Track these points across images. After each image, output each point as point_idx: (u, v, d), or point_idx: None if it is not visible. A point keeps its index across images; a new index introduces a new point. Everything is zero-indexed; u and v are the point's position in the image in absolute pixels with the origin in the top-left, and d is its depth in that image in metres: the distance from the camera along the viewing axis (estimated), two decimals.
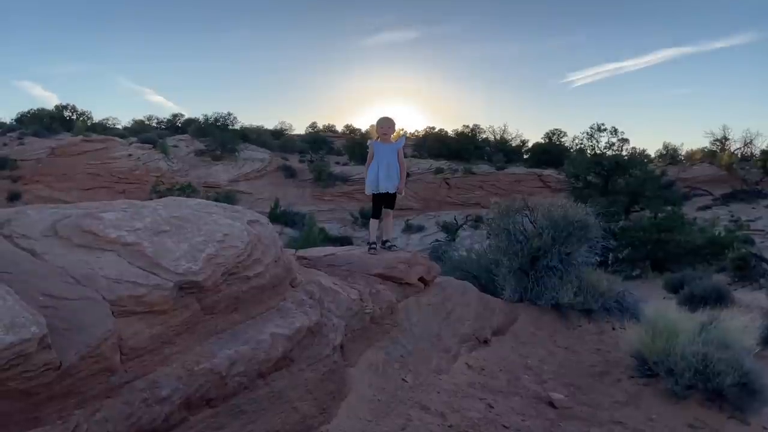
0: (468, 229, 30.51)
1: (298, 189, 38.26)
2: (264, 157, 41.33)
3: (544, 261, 5.88)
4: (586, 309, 5.91)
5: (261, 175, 38.81)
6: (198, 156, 39.04)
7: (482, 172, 40.20)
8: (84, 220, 2.95)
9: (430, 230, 31.79)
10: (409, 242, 29.54)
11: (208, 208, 3.52)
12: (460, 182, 39.17)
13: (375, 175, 5.02)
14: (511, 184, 38.98)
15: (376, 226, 5.14)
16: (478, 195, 38.07)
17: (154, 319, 2.57)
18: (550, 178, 39.67)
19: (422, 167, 41.51)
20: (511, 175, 39.99)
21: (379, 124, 5.11)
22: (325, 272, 4.29)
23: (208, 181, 35.52)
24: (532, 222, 6.18)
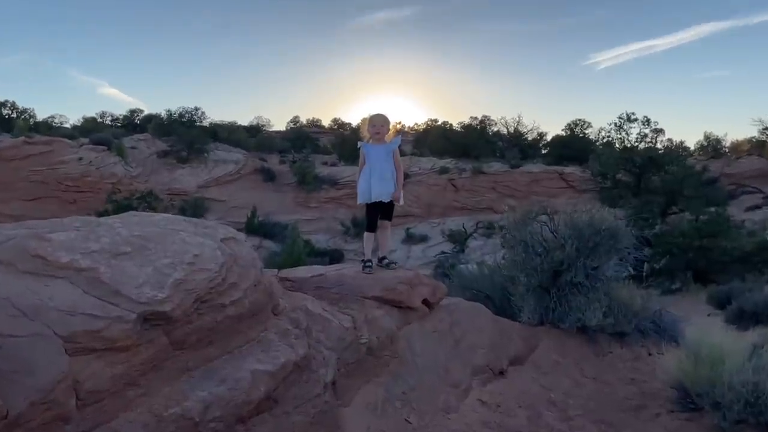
0: (479, 238, 30.63)
1: (278, 195, 38.32)
2: (238, 158, 41.41)
3: (568, 276, 5.91)
4: (617, 332, 5.94)
5: (235, 179, 38.87)
6: (160, 158, 39.08)
7: (494, 172, 40.37)
8: (30, 241, 2.96)
9: (434, 240, 31.87)
10: (409, 255, 29.60)
11: (176, 225, 3.54)
12: (468, 183, 39.32)
13: (367, 182, 5.06)
14: (528, 184, 39.15)
15: (372, 240, 5.17)
16: (490, 198, 38.20)
17: (115, 357, 2.58)
18: (573, 177, 39.87)
19: (424, 167, 41.67)
20: (528, 174, 40.16)
21: (370, 123, 5.15)
22: (313, 296, 4.32)
23: (173, 188, 35.53)
24: (553, 231, 6.22)
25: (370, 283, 4.66)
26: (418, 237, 32.27)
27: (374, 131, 5.13)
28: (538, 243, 6.12)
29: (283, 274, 4.89)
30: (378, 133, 5.12)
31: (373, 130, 5.14)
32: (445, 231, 32.16)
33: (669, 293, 18.25)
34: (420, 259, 28.79)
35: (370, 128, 5.16)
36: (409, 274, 4.98)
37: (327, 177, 39.75)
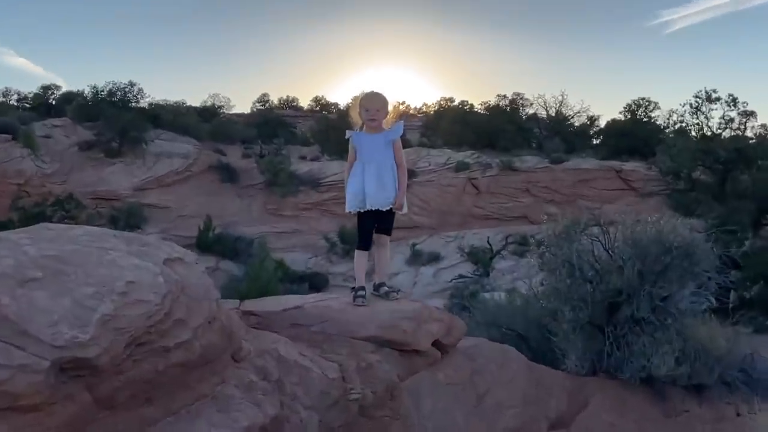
0: (508, 257, 30.64)
1: (241, 199, 38.35)
2: (188, 151, 41.48)
3: (628, 310, 5.91)
4: (694, 384, 5.93)
5: (183, 178, 38.90)
6: (83, 151, 39.08)
7: (529, 168, 40.47)
8: None
9: (449, 260, 31.88)
10: (416, 280, 29.61)
11: (103, 241, 3.54)
12: (494, 184, 39.39)
13: (359, 183, 5.08)
14: (575, 185, 39.25)
15: (366, 260, 5.18)
16: (524, 204, 38.28)
17: (21, 418, 2.57)
18: (635, 175, 39.97)
19: (435, 162, 41.77)
20: (574, 172, 40.24)
21: (362, 105, 5.17)
22: (288, 337, 4.31)
23: (100, 190, 35.53)
24: (608, 249, 6.23)
25: (364, 318, 4.66)
26: (428, 256, 32.24)
27: (368, 116, 5.14)
28: (587, 265, 6.13)
29: (248, 306, 4.89)
30: (373, 119, 5.14)
31: (367, 114, 5.15)
32: (464, 248, 32.17)
33: (763, 332, 18.23)
34: (430, 285, 28.77)
35: (362, 112, 5.18)
36: (415, 306, 4.98)
37: (306, 176, 39.80)
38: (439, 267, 31.18)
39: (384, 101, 5.21)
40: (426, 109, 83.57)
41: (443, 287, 27.57)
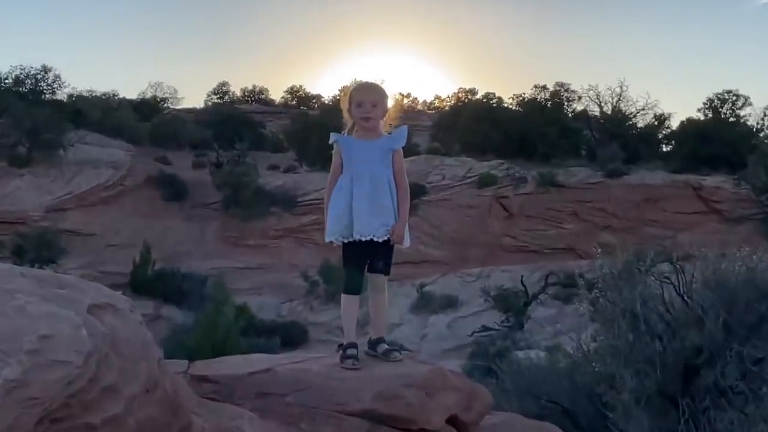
0: (549, 304, 30.59)
1: (191, 223, 38.36)
2: (119, 159, 41.56)
3: (710, 376, 5.90)
4: None
5: (114, 195, 38.93)
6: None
7: (577, 183, 40.54)
8: None
9: (469, 306, 31.83)
10: (425, 333, 29.55)
11: (6, 281, 3.55)
12: (530, 205, 39.43)
13: (346, 204, 5.09)
14: (638, 206, 39.29)
15: (356, 307, 5.17)
16: (570, 231, 38.28)
17: None
18: (719, 194, 40.03)
19: (452, 174, 41.87)
20: (638, 189, 40.31)
21: (353, 99, 5.19)
22: (254, 410, 4.31)
23: (2, 211, 35.50)
24: (683, 293, 6.24)
25: (355, 386, 4.65)
26: (441, 301, 32.20)
27: (361, 113, 5.15)
28: (655, 315, 6.13)
29: (200, 369, 4.88)
30: (368, 117, 5.15)
31: (359, 111, 5.16)
32: (489, 290, 32.06)
33: None
34: (444, 340, 28.70)
35: (353, 108, 5.19)
36: (423, 369, 4.97)
37: (279, 192, 39.89)
38: (456, 315, 31.14)
39: (382, 94, 5.22)
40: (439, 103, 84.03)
41: (461, 343, 27.50)
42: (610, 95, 57.94)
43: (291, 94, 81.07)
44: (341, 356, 5.00)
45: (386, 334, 5.31)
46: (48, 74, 50.86)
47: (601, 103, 58.11)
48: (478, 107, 60.47)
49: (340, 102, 5.43)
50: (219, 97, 76.03)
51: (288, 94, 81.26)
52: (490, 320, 29.17)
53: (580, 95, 59.63)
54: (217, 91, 77.26)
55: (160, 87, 72.10)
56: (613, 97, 57.79)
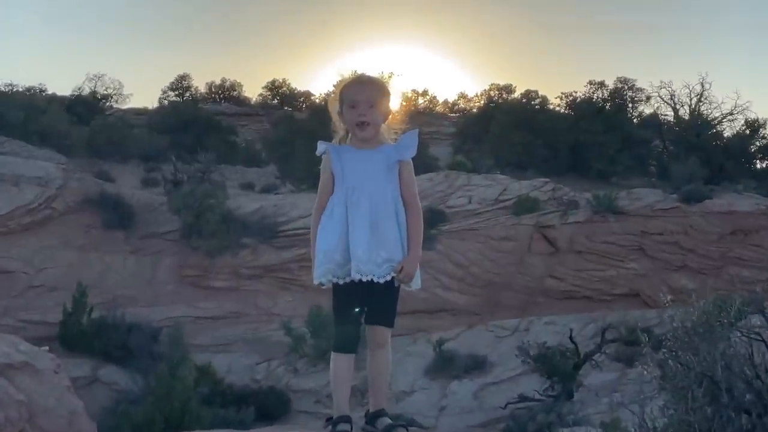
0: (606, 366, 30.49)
1: (140, 258, 38.38)
2: (47, 173, 41.63)
3: None
4: None
5: (39, 221, 39.00)
6: None
7: (644, 210, 40.53)
8: None
9: (502, 368, 31.77)
10: (445, 404, 29.49)
11: None
12: (583, 237, 39.43)
13: (338, 233, 5.10)
14: (723, 240, 39.22)
15: (351, 369, 5.17)
16: (634, 271, 38.23)
17: None
18: None
19: (481, 197, 41.92)
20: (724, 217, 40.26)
21: (346, 97, 5.23)
22: None
23: None
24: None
25: None
26: (466, 362, 32.08)
27: (357, 116, 5.18)
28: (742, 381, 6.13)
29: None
30: (365, 122, 5.18)
31: (353, 114, 5.20)
32: (529, 348, 31.99)
33: None
34: (469, 413, 28.62)
35: (346, 109, 5.23)
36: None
37: (254, 219, 39.91)
38: (484, 381, 31.06)
39: (382, 90, 5.25)
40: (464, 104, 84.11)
41: (492, 417, 27.43)
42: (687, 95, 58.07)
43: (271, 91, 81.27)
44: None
45: (389, 405, 5.31)
46: None
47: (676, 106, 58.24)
48: (516, 109, 60.55)
49: (329, 103, 5.43)
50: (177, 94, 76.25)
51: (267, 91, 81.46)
52: (530, 388, 29.00)
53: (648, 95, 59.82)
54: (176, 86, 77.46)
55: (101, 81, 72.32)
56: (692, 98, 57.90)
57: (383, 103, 5.16)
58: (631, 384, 26.64)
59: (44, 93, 63.53)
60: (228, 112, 72.07)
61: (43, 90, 64.76)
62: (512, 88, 72.32)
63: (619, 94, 59.21)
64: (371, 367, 5.22)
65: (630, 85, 59.82)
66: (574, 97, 59.20)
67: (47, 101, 59.24)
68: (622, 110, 58.08)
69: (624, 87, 59.75)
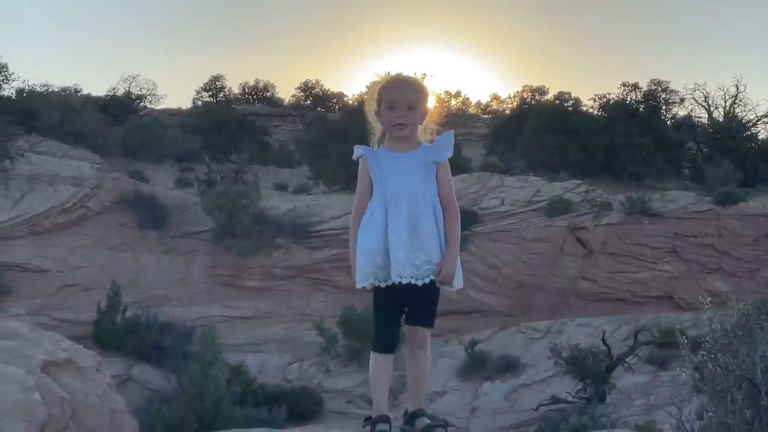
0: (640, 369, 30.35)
1: (174, 258, 38.43)
2: (82, 173, 41.72)
3: None
4: None
5: (74, 220, 39.09)
6: None
7: (678, 212, 40.35)
8: None
9: (535, 370, 31.68)
10: (476, 405, 29.42)
11: None
12: (616, 239, 39.26)
13: (378, 237, 5.09)
14: (759, 242, 38.94)
15: (390, 371, 5.15)
16: (668, 274, 38.03)
17: None
18: None
19: (513, 198, 41.81)
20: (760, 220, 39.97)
21: (383, 98, 5.19)
22: None
23: None
24: None
25: None
26: (498, 363, 32.00)
27: (395, 118, 5.16)
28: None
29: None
30: (403, 123, 5.15)
31: (391, 115, 5.17)
32: (561, 349, 31.86)
33: None
34: (501, 414, 28.53)
35: (384, 110, 5.21)
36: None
37: (287, 219, 39.89)
38: (516, 383, 30.97)
39: (421, 91, 5.21)
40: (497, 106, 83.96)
41: (524, 418, 27.35)
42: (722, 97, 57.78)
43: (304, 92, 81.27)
44: None
45: (427, 405, 5.29)
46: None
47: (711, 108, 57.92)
48: (549, 111, 60.30)
49: (367, 102, 5.38)
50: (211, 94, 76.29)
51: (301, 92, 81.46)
52: (562, 389, 28.90)
53: (682, 97, 59.55)
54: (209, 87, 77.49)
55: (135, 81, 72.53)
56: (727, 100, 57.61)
57: (421, 104, 5.13)
58: (664, 387, 26.54)
59: (79, 93, 63.70)
60: (261, 112, 72.05)
61: (78, 90, 65.02)
62: (545, 89, 72.33)
63: (653, 96, 58.87)
64: (411, 367, 5.20)
65: (664, 87, 59.54)
66: (607, 98, 58.92)
67: (82, 101, 59.30)
68: (656, 112, 57.74)
69: (658, 89, 59.43)
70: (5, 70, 51.18)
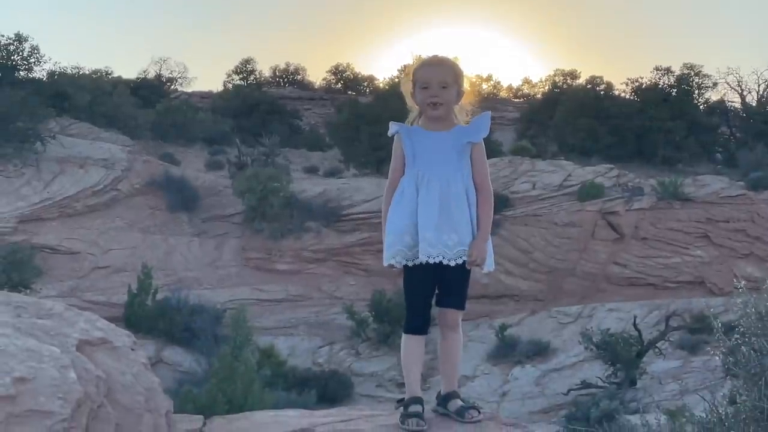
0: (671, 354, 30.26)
1: (204, 241, 38.50)
2: (113, 155, 41.82)
3: None
4: None
5: (104, 202, 39.20)
6: None
7: (711, 197, 40.13)
8: None
9: (565, 354, 31.62)
10: (507, 389, 29.39)
11: None
12: (648, 224, 39.09)
13: (409, 216, 5.06)
14: None
15: (422, 353, 5.14)
16: (700, 259, 37.87)
17: None
18: None
19: (544, 182, 41.67)
20: None
21: (418, 78, 5.16)
22: None
23: None
24: None
25: None
26: (528, 347, 31.93)
27: (429, 97, 5.13)
28: None
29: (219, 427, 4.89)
30: (437, 102, 5.13)
31: (425, 95, 5.14)
32: (592, 334, 31.78)
33: None
34: (531, 398, 28.49)
35: (417, 90, 5.18)
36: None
37: (318, 202, 39.87)
38: (547, 367, 30.91)
39: (455, 72, 5.18)
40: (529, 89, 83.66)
41: (554, 403, 27.29)
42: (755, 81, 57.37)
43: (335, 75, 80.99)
44: (402, 415, 4.98)
45: (459, 388, 5.28)
46: (23, 45, 51.41)
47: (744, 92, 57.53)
48: (580, 95, 60.10)
49: (402, 84, 5.37)
50: (242, 77, 76.17)
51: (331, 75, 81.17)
52: (593, 374, 28.85)
53: (715, 81, 59.14)
54: (240, 70, 77.37)
55: (166, 64, 72.67)
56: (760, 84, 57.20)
57: (455, 84, 5.11)
58: (695, 372, 26.42)
59: (110, 76, 63.81)
60: (292, 95, 72.05)
61: (109, 73, 65.12)
62: (577, 73, 72.05)
63: (686, 80, 58.50)
64: (442, 349, 5.18)
65: (696, 71, 59.13)
66: (639, 83, 58.73)
67: (113, 84, 59.40)
68: (689, 96, 57.40)
69: (690, 73, 59.04)
70: (36, 52, 51.33)
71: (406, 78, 5.24)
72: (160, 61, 71.51)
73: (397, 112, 5.34)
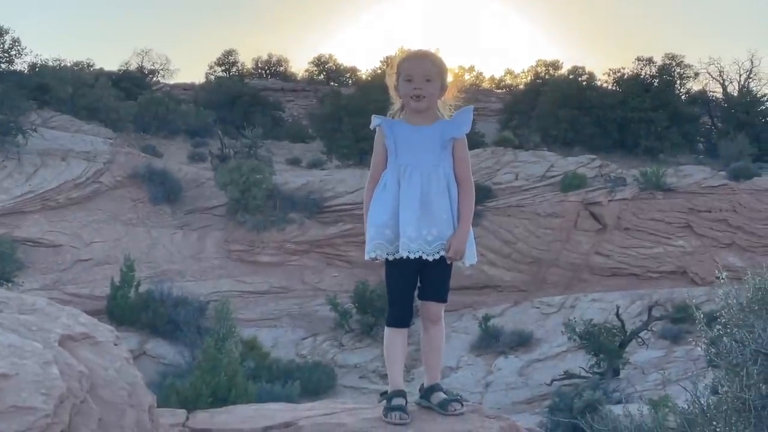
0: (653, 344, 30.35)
1: (187, 233, 38.44)
2: (95, 147, 41.75)
3: None
4: None
5: (87, 195, 39.11)
6: None
7: (692, 187, 40.25)
8: None
9: (548, 345, 31.69)
10: (490, 380, 29.44)
11: None
12: (630, 214, 39.19)
13: (390, 209, 5.08)
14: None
15: (404, 345, 5.15)
16: (682, 249, 37.98)
17: None
18: None
19: (527, 173, 41.75)
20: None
21: (402, 71, 5.18)
22: None
23: None
24: None
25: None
26: (511, 338, 31.99)
27: (412, 90, 5.14)
28: None
29: (202, 421, 4.89)
30: (420, 95, 5.14)
31: (408, 87, 5.15)
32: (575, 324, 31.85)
33: None
34: (514, 389, 28.56)
35: (401, 83, 5.19)
36: (493, 427, 4.96)
37: (300, 194, 39.86)
38: (530, 358, 30.98)
39: (439, 65, 5.19)
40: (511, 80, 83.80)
41: (537, 393, 27.37)
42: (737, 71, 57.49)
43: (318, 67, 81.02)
44: (385, 408, 4.98)
45: (441, 380, 5.28)
46: (4, 38, 51.17)
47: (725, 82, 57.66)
48: (563, 86, 60.11)
49: (386, 76, 5.38)
50: (224, 69, 76.24)
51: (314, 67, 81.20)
52: (576, 364, 28.96)
53: (697, 71, 59.26)
54: (222, 61, 77.45)
55: (148, 56, 72.62)
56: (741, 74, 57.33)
57: (439, 77, 5.12)
58: (678, 362, 26.50)
59: (92, 68, 63.69)
60: (274, 87, 72.00)
61: (91, 65, 65.03)
62: (559, 64, 72.23)
63: (667, 71, 58.62)
64: (425, 342, 5.19)
65: (678, 62, 59.26)
66: (621, 73, 58.89)
67: (95, 76, 59.30)
68: (670, 87, 57.52)
69: (672, 63, 59.17)
70: (18, 44, 51.12)
71: (390, 70, 5.23)
72: (142, 52, 71.68)
73: (379, 104, 5.34)
